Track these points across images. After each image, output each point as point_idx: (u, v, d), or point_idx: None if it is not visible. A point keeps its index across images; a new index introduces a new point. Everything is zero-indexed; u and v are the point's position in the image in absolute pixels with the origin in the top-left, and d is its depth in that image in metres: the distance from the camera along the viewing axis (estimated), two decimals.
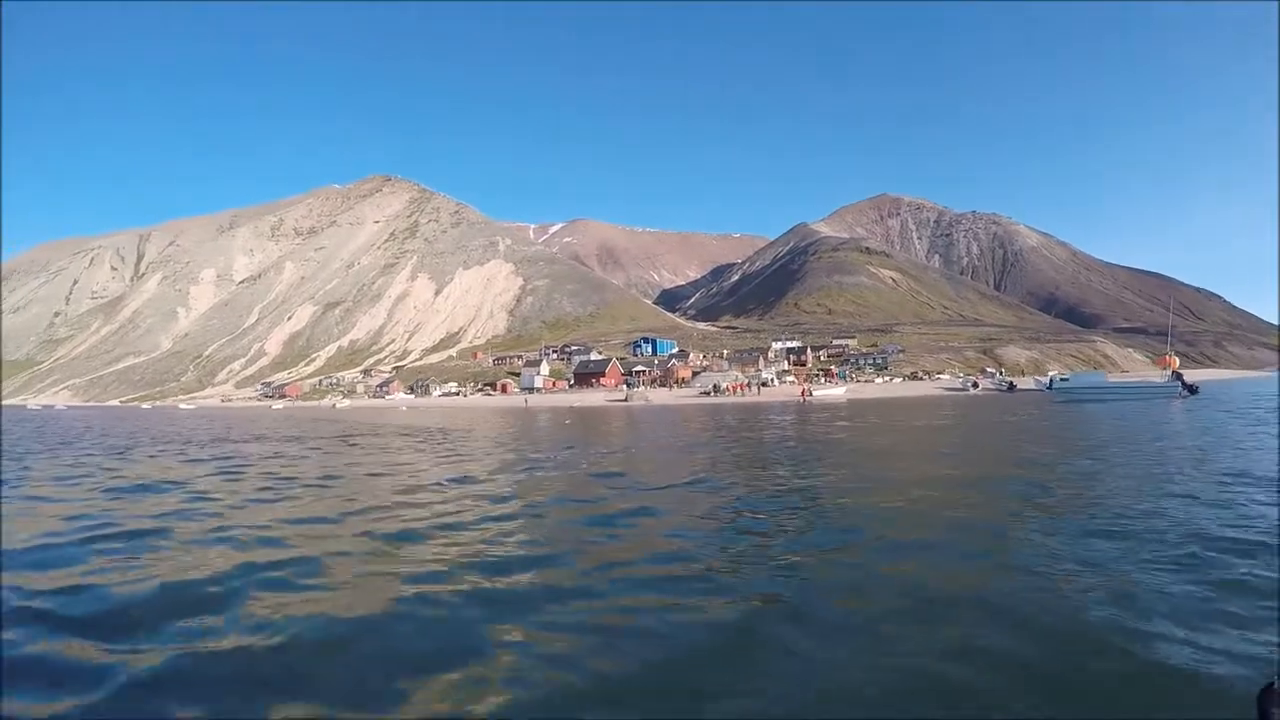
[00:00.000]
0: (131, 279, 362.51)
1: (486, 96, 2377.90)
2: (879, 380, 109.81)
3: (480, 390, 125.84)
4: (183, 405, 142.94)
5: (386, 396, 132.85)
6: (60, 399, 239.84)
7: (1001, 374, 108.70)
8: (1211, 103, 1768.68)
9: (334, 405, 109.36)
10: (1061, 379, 51.56)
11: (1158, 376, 47.85)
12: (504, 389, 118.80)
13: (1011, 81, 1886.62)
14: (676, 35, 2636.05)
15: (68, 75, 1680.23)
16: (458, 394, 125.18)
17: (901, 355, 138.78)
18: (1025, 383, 79.25)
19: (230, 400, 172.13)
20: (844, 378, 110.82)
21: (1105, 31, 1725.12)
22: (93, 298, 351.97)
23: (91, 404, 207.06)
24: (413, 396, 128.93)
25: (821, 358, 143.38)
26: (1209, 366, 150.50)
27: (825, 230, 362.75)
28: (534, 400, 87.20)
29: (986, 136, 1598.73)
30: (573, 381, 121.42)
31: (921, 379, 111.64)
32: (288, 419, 51.71)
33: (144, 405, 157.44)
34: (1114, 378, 54.51)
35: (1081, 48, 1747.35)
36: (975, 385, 79.89)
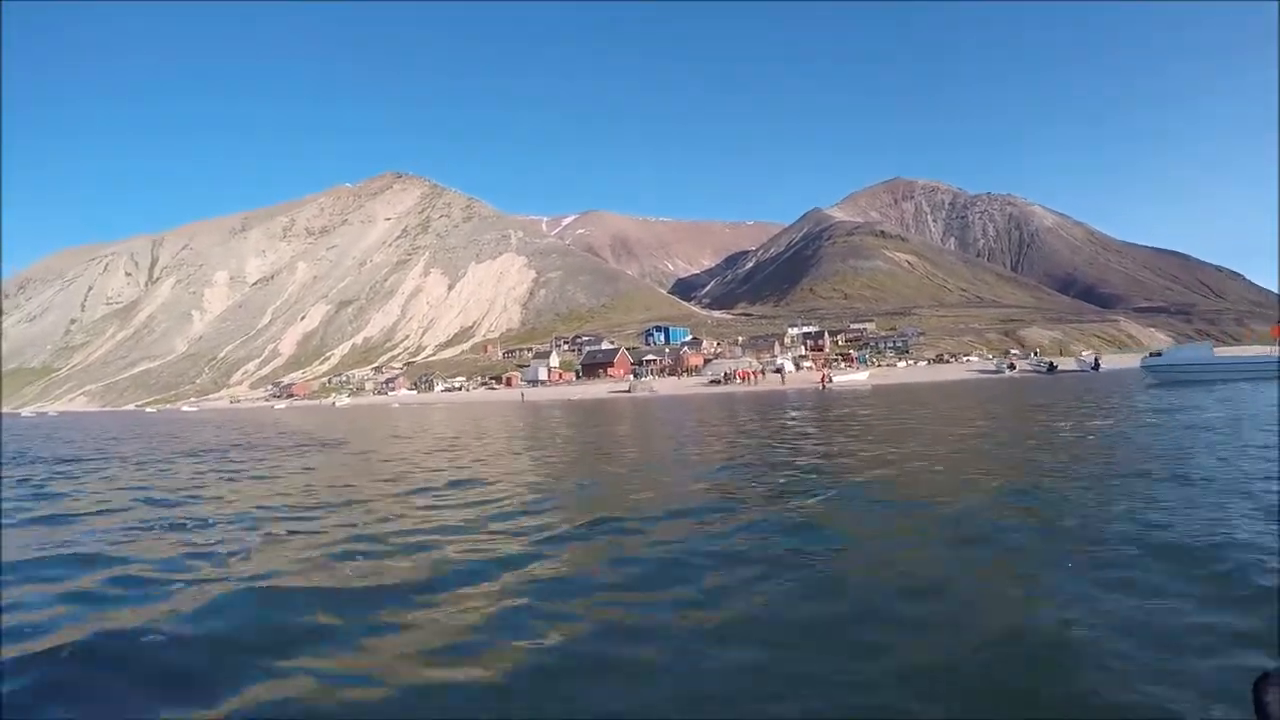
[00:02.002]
0: (146, 284, 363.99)
1: (495, 90, 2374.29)
2: (902, 364, 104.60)
3: (484, 384, 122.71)
4: (185, 408, 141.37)
5: (390, 393, 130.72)
6: (76, 405, 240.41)
7: (1036, 354, 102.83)
8: (1228, 81, 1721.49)
9: (334, 403, 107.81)
10: (1154, 354, 40.75)
11: (1268, 350, 37.84)
12: (509, 382, 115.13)
13: (1022, 60, 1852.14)
14: (683, 25, 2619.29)
15: (79, 85, 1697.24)
16: (460, 389, 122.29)
17: (922, 338, 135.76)
18: (1064, 364, 73.27)
19: (238, 401, 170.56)
20: (864, 362, 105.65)
21: (1119, 10, 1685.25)
22: (108, 303, 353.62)
23: (106, 409, 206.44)
24: (415, 392, 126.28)
25: (839, 342, 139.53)
26: (1232, 345, 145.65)
27: (839, 215, 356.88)
28: (532, 393, 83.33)
29: (999, 117, 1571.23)
30: (580, 372, 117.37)
31: (948, 361, 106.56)
32: (240, 422, 47.52)
33: (149, 409, 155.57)
34: (1220, 351, 43.42)
35: (1092, 24, 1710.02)
36: (1012, 367, 73.53)
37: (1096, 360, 67.00)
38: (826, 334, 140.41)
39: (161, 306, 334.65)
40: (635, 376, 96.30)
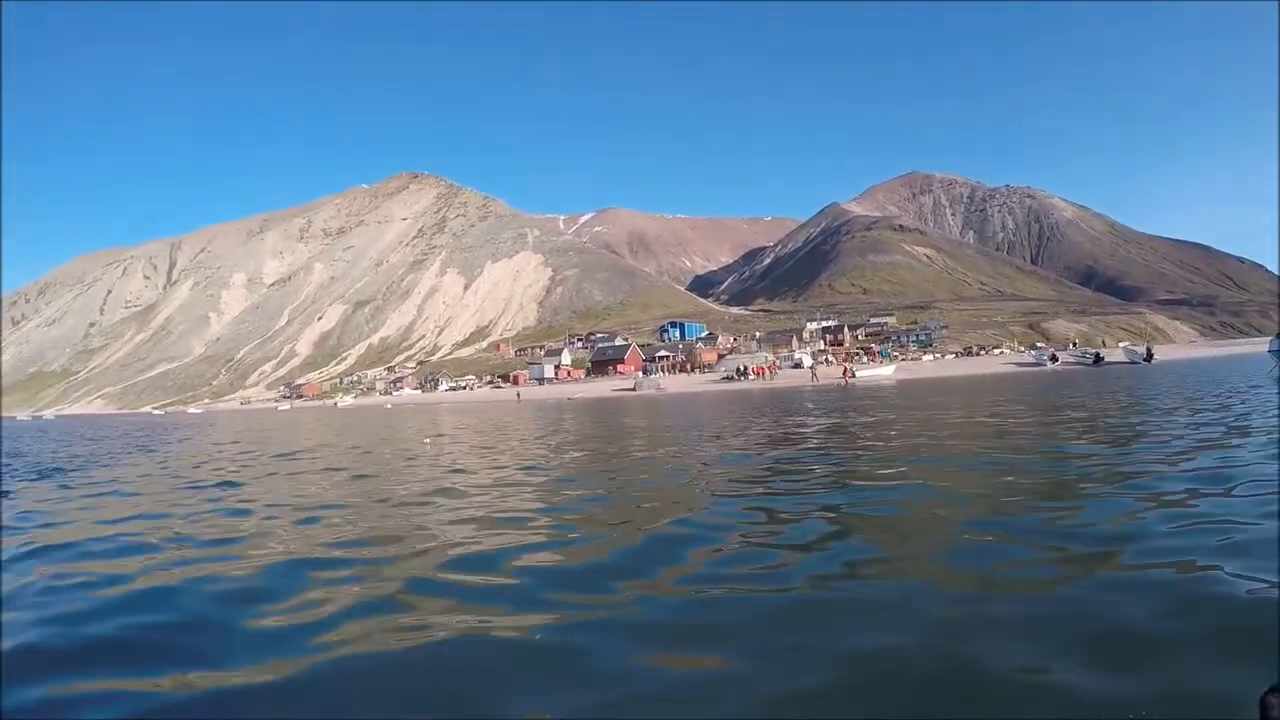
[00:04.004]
0: (164, 287, 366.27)
1: (510, 89, 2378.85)
2: (928, 358, 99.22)
3: (490, 383, 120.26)
4: (191, 409, 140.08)
5: (395, 392, 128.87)
6: (94, 408, 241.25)
7: (1075, 345, 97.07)
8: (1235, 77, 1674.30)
9: (336, 404, 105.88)
10: None
11: None
12: (516, 380, 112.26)
13: (1039, 51, 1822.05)
14: (698, 21, 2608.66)
15: (95, 93, 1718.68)
16: (465, 388, 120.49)
17: (945, 331, 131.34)
18: (1111, 355, 67.43)
19: (249, 402, 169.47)
20: (886, 356, 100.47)
21: (1124, 10, 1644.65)
22: (126, 307, 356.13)
23: (123, 411, 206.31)
24: (420, 392, 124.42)
25: (859, 337, 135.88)
26: (1255, 336, 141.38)
27: (857, 209, 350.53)
28: (532, 392, 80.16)
29: (1017, 109, 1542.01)
30: (590, 369, 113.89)
31: (978, 354, 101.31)
32: (197, 424, 44.81)
33: (156, 412, 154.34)
34: None
35: (1101, 21, 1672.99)
36: (1054, 359, 67.37)
37: (1149, 350, 60.41)
38: (846, 328, 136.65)
39: (179, 309, 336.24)
40: (645, 373, 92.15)
